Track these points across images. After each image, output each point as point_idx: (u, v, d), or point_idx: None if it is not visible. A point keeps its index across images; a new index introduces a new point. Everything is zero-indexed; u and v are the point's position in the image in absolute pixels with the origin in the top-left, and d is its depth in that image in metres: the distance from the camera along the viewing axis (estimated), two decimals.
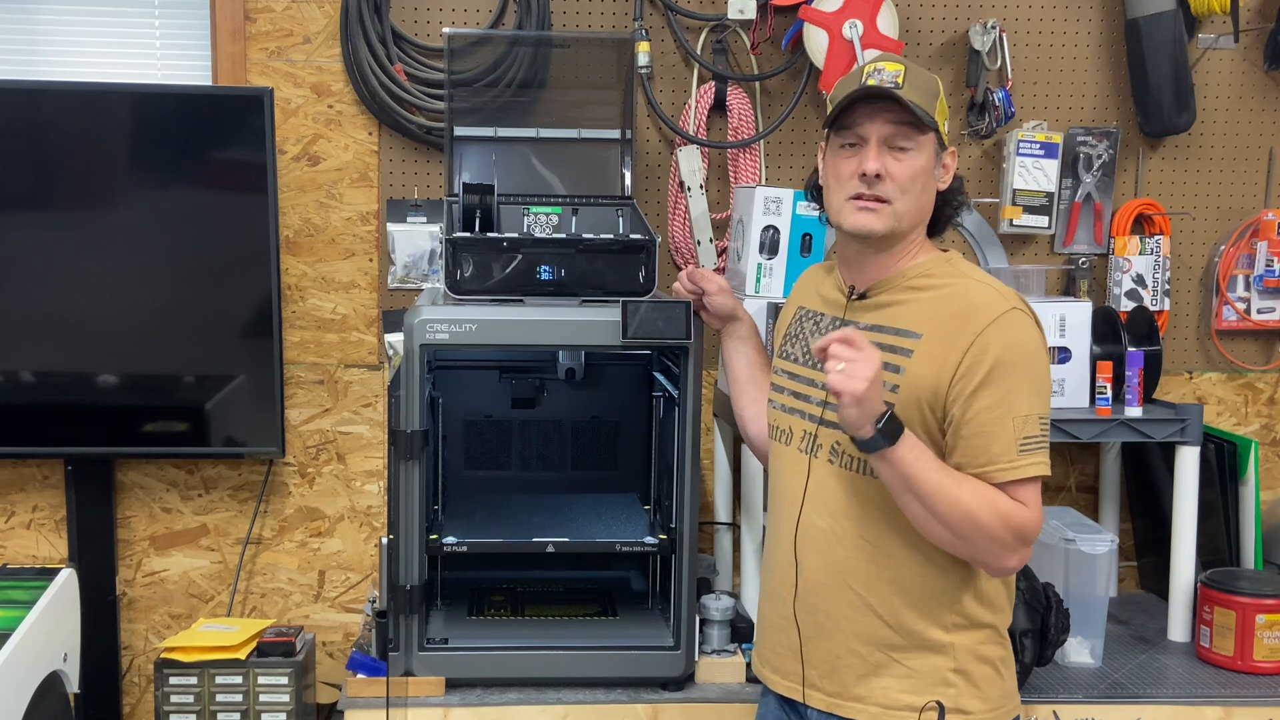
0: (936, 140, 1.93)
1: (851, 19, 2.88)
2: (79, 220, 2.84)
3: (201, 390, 2.90)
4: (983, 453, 1.84)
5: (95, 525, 3.00)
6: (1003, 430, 1.83)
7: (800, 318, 2.11)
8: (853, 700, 1.95)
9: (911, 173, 1.91)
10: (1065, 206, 3.12)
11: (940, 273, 1.95)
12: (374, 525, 3.12)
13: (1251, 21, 3.11)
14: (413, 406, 2.36)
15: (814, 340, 1.99)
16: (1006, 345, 1.84)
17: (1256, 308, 3.17)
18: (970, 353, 1.84)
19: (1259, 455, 2.95)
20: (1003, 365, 1.83)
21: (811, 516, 1.97)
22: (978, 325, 1.85)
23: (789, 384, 2.07)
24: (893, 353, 1.90)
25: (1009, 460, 1.83)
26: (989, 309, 1.86)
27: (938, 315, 1.89)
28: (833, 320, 2.02)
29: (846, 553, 1.94)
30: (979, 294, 1.90)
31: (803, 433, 2.00)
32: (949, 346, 1.86)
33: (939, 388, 1.86)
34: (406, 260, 3.01)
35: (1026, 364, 1.85)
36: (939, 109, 1.93)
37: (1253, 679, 2.60)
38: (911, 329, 1.90)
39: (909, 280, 1.95)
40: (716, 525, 2.98)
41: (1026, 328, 1.87)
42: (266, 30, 2.98)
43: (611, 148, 2.94)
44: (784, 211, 2.73)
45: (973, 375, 1.83)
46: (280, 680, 2.67)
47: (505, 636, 2.54)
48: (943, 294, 1.91)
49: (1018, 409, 1.83)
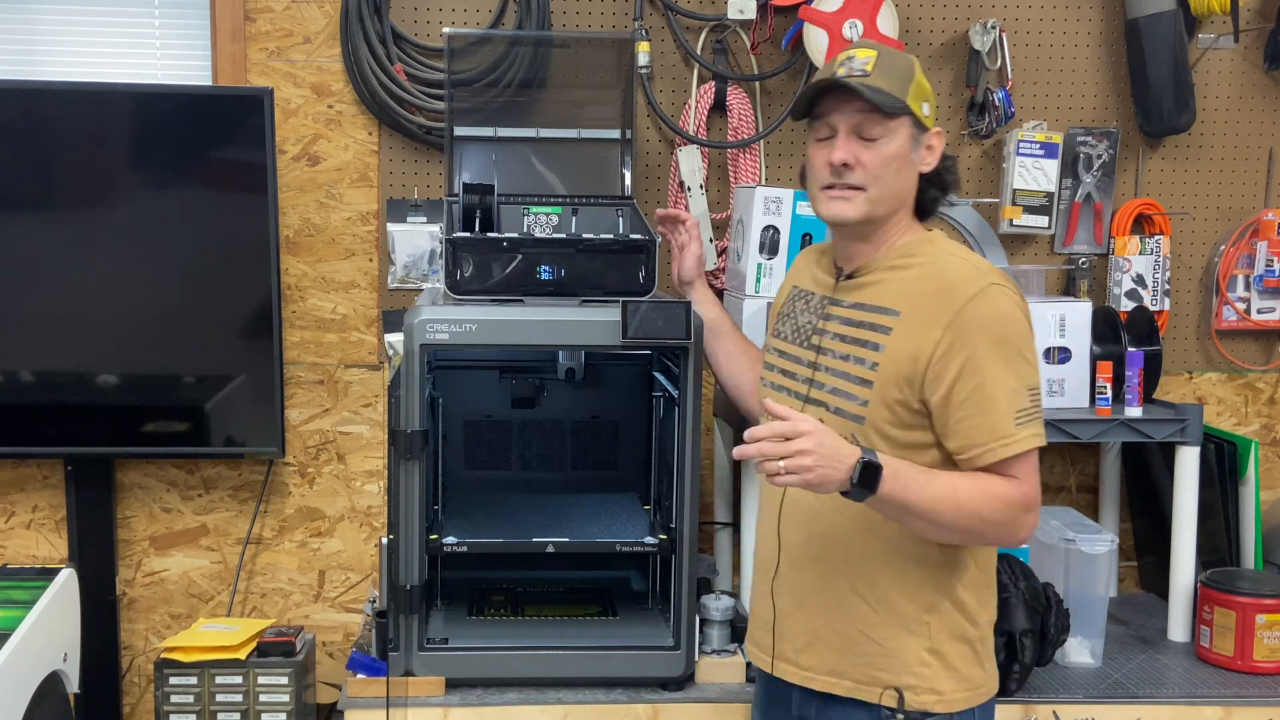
0: (913, 123, 1.93)
1: (851, 19, 2.88)
2: (79, 220, 2.84)
3: (201, 390, 2.90)
4: (981, 431, 1.84)
5: (95, 525, 3.00)
6: (995, 407, 1.83)
7: (794, 297, 2.13)
8: (827, 674, 1.97)
9: (881, 160, 1.92)
10: (1065, 206, 3.12)
11: (921, 251, 1.96)
12: (374, 525, 3.12)
13: (1251, 21, 3.11)
14: (413, 406, 2.36)
15: (803, 319, 2.04)
16: (986, 321, 1.84)
17: (1256, 308, 3.17)
18: (949, 331, 1.85)
19: (1259, 455, 2.95)
20: (984, 343, 1.84)
21: (795, 492, 1.95)
22: (956, 302, 1.85)
23: (779, 362, 2.09)
24: (872, 330, 1.92)
25: (1008, 435, 1.84)
26: (966, 285, 1.87)
27: (917, 292, 1.90)
28: (821, 299, 2.04)
29: (829, 528, 1.95)
30: (957, 270, 1.91)
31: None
32: (927, 323, 1.87)
33: (916, 365, 1.87)
34: (406, 260, 3.01)
35: (1009, 338, 1.86)
36: (914, 91, 1.92)
37: (1253, 679, 2.60)
38: (891, 306, 1.92)
39: (891, 260, 1.97)
40: (716, 525, 2.98)
41: (1006, 300, 1.88)
42: (266, 30, 2.98)
43: (611, 148, 2.94)
44: (784, 211, 2.73)
45: (953, 355, 1.84)
46: (280, 680, 2.67)
47: (505, 636, 2.54)
48: (922, 271, 1.93)
49: (1006, 383, 1.84)
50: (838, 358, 1.96)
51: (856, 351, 1.93)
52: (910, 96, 1.92)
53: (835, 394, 1.95)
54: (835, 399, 1.94)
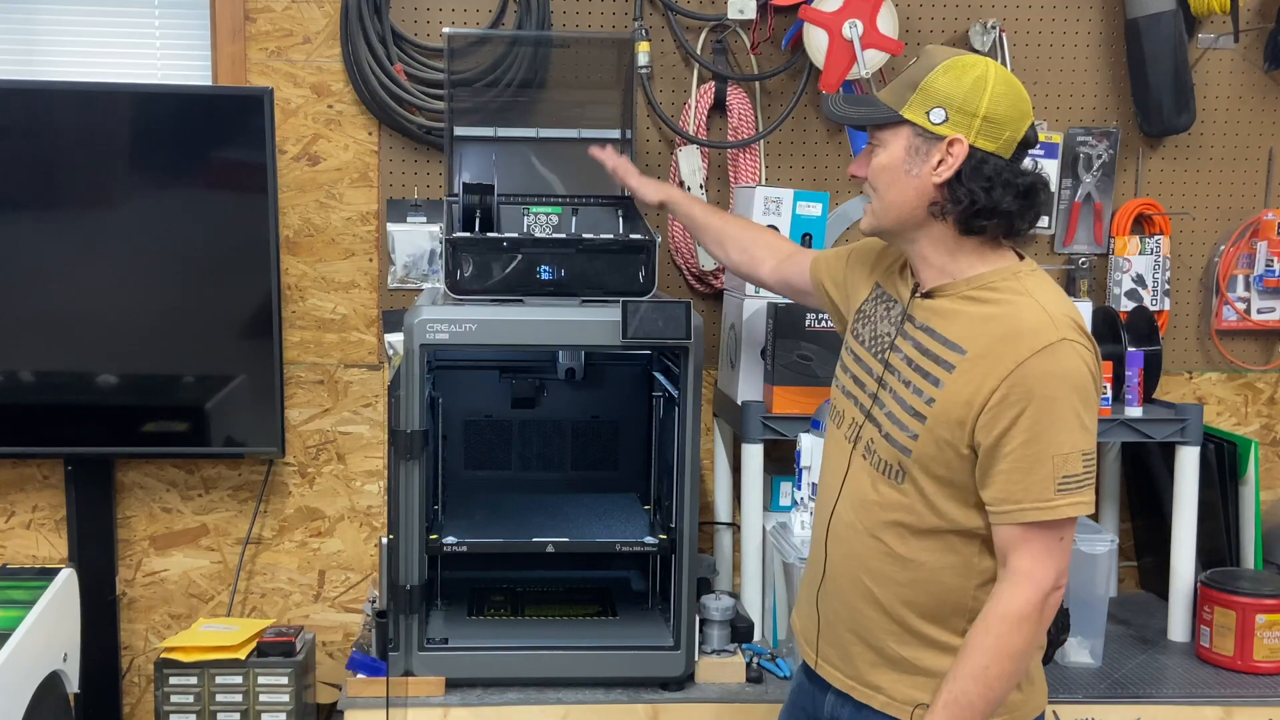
0: (914, 132, 1.82)
1: (851, 19, 2.88)
2: (79, 220, 2.84)
3: (201, 390, 2.90)
4: (1018, 489, 1.75)
5: (95, 525, 3.00)
6: (1040, 468, 1.74)
7: (876, 297, 2.02)
8: (866, 686, 1.93)
9: (874, 170, 1.88)
10: (1065, 206, 3.12)
11: (1001, 287, 1.84)
12: (374, 525, 3.12)
13: (1251, 21, 3.11)
14: (413, 406, 2.36)
15: (882, 328, 1.95)
16: (1047, 377, 1.74)
17: (1256, 308, 3.17)
18: (1007, 382, 1.75)
19: (1259, 455, 2.95)
20: (1043, 400, 1.73)
21: (843, 508, 1.94)
22: (1022, 353, 1.75)
23: (853, 366, 2.00)
24: (936, 363, 1.83)
25: (1044, 500, 1.74)
26: (1037, 337, 1.75)
27: (986, 334, 1.80)
28: (902, 311, 1.93)
29: (864, 548, 1.91)
30: (1031, 318, 1.77)
31: (851, 420, 1.96)
32: (988, 371, 1.77)
33: (970, 409, 1.78)
34: (406, 260, 3.01)
35: (1070, 397, 1.74)
36: (919, 99, 1.80)
37: (1253, 679, 2.60)
38: (959, 343, 1.82)
39: (969, 290, 1.85)
40: (716, 525, 2.98)
41: (1076, 359, 1.75)
42: (266, 30, 2.98)
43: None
44: (784, 211, 2.73)
45: (1008, 406, 1.75)
46: (280, 680, 2.67)
47: (505, 636, 2.54)
48: (996, 311, 1.81)
49: (1059, 445, 1.73)
50: (901, 381, 1.88)
51: (919, 381, 1.85)
52: (910, 104, 1.81)
53: (891, 419, 1.87)
54: (890, 424, 1.87)
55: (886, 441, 1.87)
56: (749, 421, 2.67)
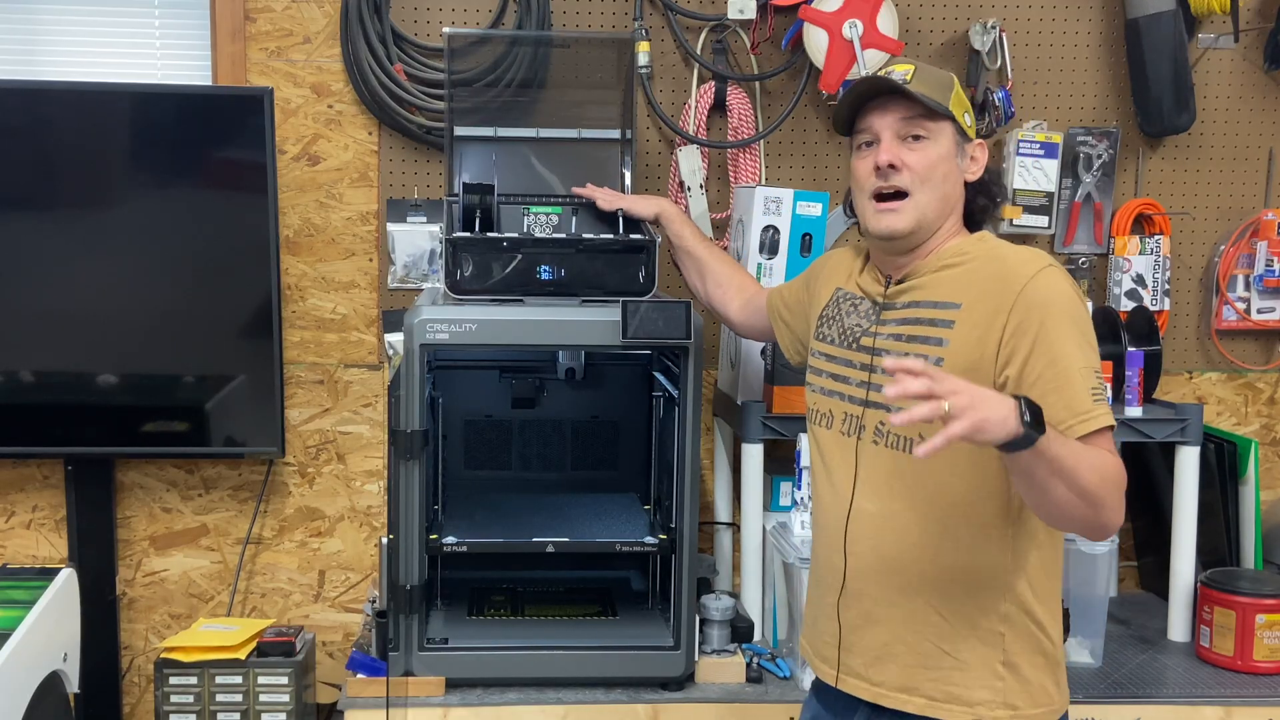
0: (956, 130, 1.90)
1: (851, 19, 2.88)
2: (79, 220, 2.84)
3: (201, 390, 2.90)
4: (1059, 408, 1.74)
5: (95, 525, 3.00)
6: (1072, 382, 1.76)
7: (837, 299, 2.05)
8: (898, 691, 1.91)
9: (929, 161, 1.87)
10: (1065, 206, 3.12)
11: (972, 249, 1.91)
12: (374, 525, 3.12)
13: (1251, 21, 3.11)
14: (413, 406, 2.36)
15: (850, 321, 1.98)
16: (1051, 299, 1.79)
17: (1256, 308, 3.17)
18: (1015, 310, 1.79)
19: (1259, 455, 2.95)
20: (1052, 320, 1.78)
21: (862, 503, 1.92)
22: (1017, 284, 1.80)
23: (827, 366, 2.02)
24: (933, 326, 1.86)
25: (1086, 411, 1.76)
26: (1025, 267, 1.83)
27: (975, 282, 1.85)
28: (873, 305, 1.96)
29: (897, 536, 1.89)
30: (1012, 255, 1.87)
31: (844, 415, 1.96)
32: (992, 309, 1.81)
33: (985, 348, 1.81)
34: (406, 260, 3.01)
35: (1075, 316, 1.80)
36: (955, 100, 1.90)
37: (1253, 679, 2.61)
38: (950, 300, 1.86)
39: (944, 260, 1.91)
40: (716, 525, 2.98)
41: (1064, 282, 1.83)
42: (266, 30, 2.98)
43: (611, 148, 2.94)
44: (784, 211, 2.73)
45: (1023, 333, 1.78)
46: (280, 680, 2.67)
47: (505, 636, 2.54)
48: (976, 265, 1.88)
49: (1078, 360, 1.77)
50: (899, 357, 1.85)
51: (918, 349, 1.86)
52: (952, 104, 1.88)
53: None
54: (898, 399, 1.85)
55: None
56: (749, 421, 2.67)
